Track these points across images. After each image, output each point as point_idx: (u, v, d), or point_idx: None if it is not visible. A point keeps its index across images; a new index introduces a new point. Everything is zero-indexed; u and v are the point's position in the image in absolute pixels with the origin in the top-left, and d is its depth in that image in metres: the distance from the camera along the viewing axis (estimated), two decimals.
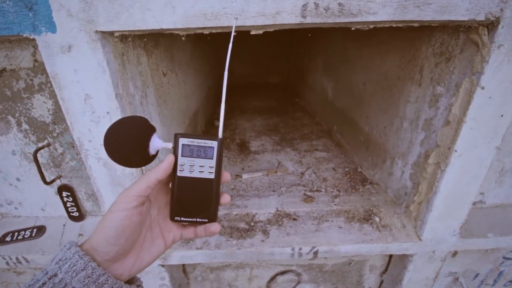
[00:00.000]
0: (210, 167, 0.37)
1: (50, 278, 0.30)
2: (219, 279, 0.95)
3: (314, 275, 0.96)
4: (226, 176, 0.40)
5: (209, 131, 1.60)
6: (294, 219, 0.86)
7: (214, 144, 0.37)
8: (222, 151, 0.38)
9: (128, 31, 0.52)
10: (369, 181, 1.06)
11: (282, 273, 0.94)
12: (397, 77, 0.87)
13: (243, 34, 0.57)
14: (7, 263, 0.78)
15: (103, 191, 0.67)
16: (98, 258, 0.33)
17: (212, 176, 0.38)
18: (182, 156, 0.37)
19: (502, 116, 0.59)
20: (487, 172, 0.80)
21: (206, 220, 0.39)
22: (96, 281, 0.31)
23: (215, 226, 0.39)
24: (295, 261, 0.92)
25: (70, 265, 0.30)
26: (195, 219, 0.39)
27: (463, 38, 0.61)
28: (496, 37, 0.53)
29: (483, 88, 0.57)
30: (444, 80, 0.68)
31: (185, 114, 1.16)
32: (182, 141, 0.37)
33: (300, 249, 0.78)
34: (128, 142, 0.35)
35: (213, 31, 0.53)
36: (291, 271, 0.94)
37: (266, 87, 2.75)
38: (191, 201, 0.38)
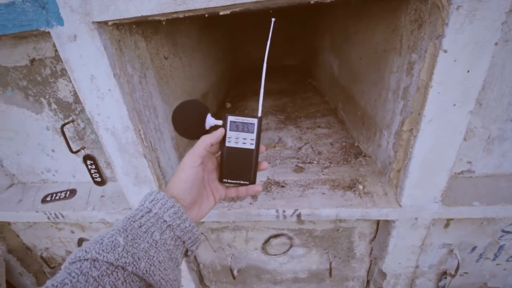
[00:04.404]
0: (251, 139, 0.45)
1: (147, 213, 0.38)
2: (220, 240, 1.07)
3: (305, 239, 1.04)
4: (261, 148, 0.48)
5: (219, 112, 1.70)
6: (282, 186, 0.94)
7: (255, 121, 0.45)
8: (261, 126, 0.46)
9: (118, 19, 0.62)
10: (363, 154, 1.09)
11: (275, 236, 1.03)
12: (384, 48, 0.88)
13: (259, 16, 0.62)
14: (48, 218, 0.98)
15: (113, 157, 0.81)
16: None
17: (253, 147, 0.45)
18: (229, 130, 0.45)
19: (468, 71, 0.59)
20: (473, 140, 0.80)
21: (248, 183, 0.47)
22: (181, 217, 0.39)
23: (258, 187, 0.49)
24: (285, 225, 1.01)
25: (162, 203, 0.39)
26: (239, 181, 0.47)
27: (430, 2, 0.62)
28: None
29: (445, 51, 0.58)
30: (417, 47, 0.68)
31: (191, 95, 1.27)
32: (230, 118, 0.45)
33: (284, 211, 0.86)
34: (190, 120, 0.45)
35: (186, 15, 0.62)
36: (283, 234, 1.03)
37: (282, 69, 2.76)
38: (236, 167, 0.46)
